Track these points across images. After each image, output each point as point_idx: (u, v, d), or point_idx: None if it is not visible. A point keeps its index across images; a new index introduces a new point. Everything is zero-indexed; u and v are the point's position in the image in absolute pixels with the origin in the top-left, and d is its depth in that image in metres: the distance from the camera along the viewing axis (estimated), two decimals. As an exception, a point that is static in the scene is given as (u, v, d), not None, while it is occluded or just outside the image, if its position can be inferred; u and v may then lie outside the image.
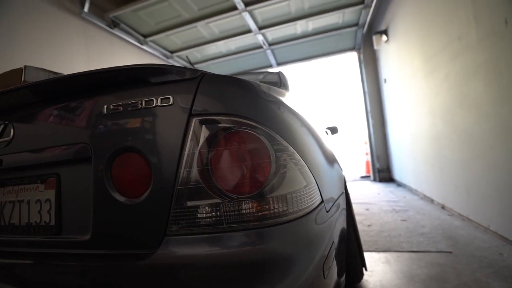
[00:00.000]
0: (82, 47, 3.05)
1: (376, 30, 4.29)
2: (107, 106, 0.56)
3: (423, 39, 2.71)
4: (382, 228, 2.17)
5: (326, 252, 0.61)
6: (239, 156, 0.51)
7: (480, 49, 1.77)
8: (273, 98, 0.64)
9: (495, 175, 1.77)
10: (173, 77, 0.53)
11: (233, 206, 0.50)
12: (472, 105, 1.94)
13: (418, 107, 3.05)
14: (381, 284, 1.33)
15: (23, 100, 0.66)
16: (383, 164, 4.93)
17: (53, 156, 0.63)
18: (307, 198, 0.59)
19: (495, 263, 1.45)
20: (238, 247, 0.50)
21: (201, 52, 4.71)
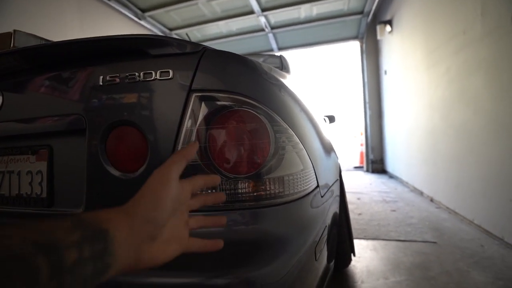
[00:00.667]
0: (75, 18, 2.92)
1: (381, 20, 4.20)
2: (103, 77, 0.54)
3: (427, 31, 2.67)
4: (372, 217, 2.22)
5: (318, 236, 0.61)
6: (238, 135, 0.50)
7: (484, 44, 1.75)
8: (275, 79, 0.63)
9: (485, 171, 1.81)
10: (174, 50, 0.51)
11: (230, 185, 0.50)
12: (471, 100, 1.95)
13: (417, 100, 3.05)
14: (367, 269, 1.37)
15: (13, 66, 0.63)
16: (377, 155, 4.99)
17: (45, 127, 0.61)
18: (303, 181, 0.59)
19: (476, 254, 1.51)
20: (233, 226, 0.50)
21: (201, 31, 4.57)
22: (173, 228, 0.34)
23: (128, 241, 0.27)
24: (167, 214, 0.31)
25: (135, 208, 0.30)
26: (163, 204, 0.31)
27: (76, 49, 0.57)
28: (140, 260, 0.29)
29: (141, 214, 0.30)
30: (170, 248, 0.33)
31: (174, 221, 0.34)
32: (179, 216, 0.35)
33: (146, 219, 0.30)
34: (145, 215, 0.30)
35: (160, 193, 0.31)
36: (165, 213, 0.31)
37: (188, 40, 2.15)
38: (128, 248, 0.27)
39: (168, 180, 0.32)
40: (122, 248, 0.27)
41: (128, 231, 0.28)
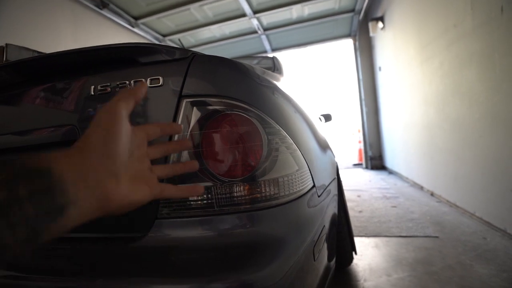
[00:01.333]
0: (69, 28, 2.92)
1: (372, 17, 4.23)
2: (94, 86, 0.54)
3: (419, 27, 2.69)
4: (373, 214, 2.22)
5: (316, 236, 0.61)
6: (230, 139, 0.50)
7: (475, 37, 1.77)
8: (267, 81, 0.63)
9: (483, 163, 1.81)
10: (163, 57, 0.51)
11: (225, 189, 0.50)
12: (465, 93, 1.96)
13: (412, 95, 3.06)
14: (370, 267, 1.37)
15: (5, 79, 0.63)
16: (375, 152, 5.00)
17: (39, 139, 0.61)
18: (298, 182, 0.59)
19: (479, 247, 1.51)
20: (229, 230, 0.50)
21: (194, 36, 4.58)
22: (137, 169, 0.33)
23: (85, 177, 0.26)
24: (124, 147, 0.30)
25: (87, 144, 0.28)
26: (116, 137, 0.29)
27: (66, 60, 0.57)
28: (109, 199, 0.28)
29: (94, 149, 0.28)
30: (139, 188, 0.32)
31: (134, 162, 0.33)
32: (139, 159, 0.34)
33: (101, 153, 0.28)
34: (99, 149, 0.28)
35: (111, 126, 0.30)
36: (121, 146, 0.30)
37: (181, 45, 2.15)
38: (87, 185, 0.26)
39: (116, 114, 0.31)
40: (77, 186, 0.25)
41: (82, 167, 0.26)
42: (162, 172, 0.39)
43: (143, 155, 0.35)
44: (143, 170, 0.34)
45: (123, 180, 0.30)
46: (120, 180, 0.29)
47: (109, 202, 0.28)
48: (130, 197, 0.31)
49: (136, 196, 0.32)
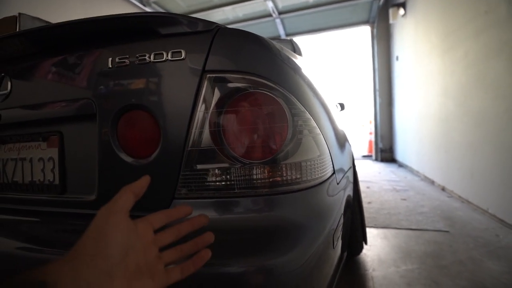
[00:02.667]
0: (79, 4, 2.88)
1: (394, 3, 4.02)
2: (112, 59, 0.51)
3: (444, 13, 2.54)
4: (382, 206, 2.19)
5: (336, 223, 0.60)
6: (254, 119, 0.47)
7: (509, 26, 1.65)
8: (292, 61, 0.59)
9: (502, 159, 1.74)
10: (186, 28, 0.48)
11: (246, 171, 0.48)
12: (490, 86, 1.86)
13: (430, 87, 2.94)
14: (379, 258, 1.36)
15: (20, 50, 0.61)
16: (386, 144, 4.91)
17: (55, 112, 0.59)
18: (320, 167, 0.56)
19: (491, 243, 1.48)
20: (249, 213, 0.48)
21: (206, 17, 4.46)
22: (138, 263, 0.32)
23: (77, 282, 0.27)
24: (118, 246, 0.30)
25: (79, 247, 0.30)
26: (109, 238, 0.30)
27: (83, 29, 0.54)
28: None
29: (87, 252, 0.29)
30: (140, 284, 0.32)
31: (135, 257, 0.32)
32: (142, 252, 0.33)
33: (93, 255, 0.29)
34: (91, 251, 0.29)
35: (105, 227, 0.31)
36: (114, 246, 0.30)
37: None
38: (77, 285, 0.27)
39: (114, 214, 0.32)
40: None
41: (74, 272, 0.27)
42: (172, 257, 0.37)
43: (147, 245, 0.34)
44: (147, 262, 0.33)
45: (118, 280, 0.29)
46: (115, 281, 0.29)
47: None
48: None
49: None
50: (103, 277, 0.28)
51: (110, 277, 0.29)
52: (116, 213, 0.32)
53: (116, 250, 0.30)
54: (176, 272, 0.36)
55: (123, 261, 0.30)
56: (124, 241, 0.31)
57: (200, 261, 0.38)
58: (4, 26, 0.70)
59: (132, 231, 0.32)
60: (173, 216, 0.39)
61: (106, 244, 0.30)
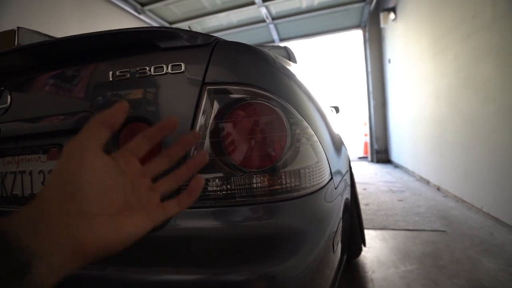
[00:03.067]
0: (75, 14, 2.89)
1: (384, 7, 4.11)
2: (112, 72, 0.52)
3: (433, 17, 2.60)
4: (379, 207, 2.22)
5: (335, 228, 0.61)
6: (253, 128, 0.49)
7: (495, 30, 1.70)
8: (288, 71, 0.61)
9: (495, 159, 1.78)
10: (185, 42, 0.49)
11: (246, 180, 0.49)
12: (479, 87, 1.91)
13: (422, 89, 3.00)
14: (378, 259, 1.38)
15: (20, 64, 0.62)
16: (382, 145, 4.96)
17: (55, 125, 0.60)
18: (318, 174, 0.58)
19: (486, 241, 1.51)
20: (250, 221, 0.49)
21: (201, 24, 4.51)
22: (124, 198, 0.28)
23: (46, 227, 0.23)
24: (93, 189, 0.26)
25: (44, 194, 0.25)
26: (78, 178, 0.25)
27: (83, 44, 0.55)
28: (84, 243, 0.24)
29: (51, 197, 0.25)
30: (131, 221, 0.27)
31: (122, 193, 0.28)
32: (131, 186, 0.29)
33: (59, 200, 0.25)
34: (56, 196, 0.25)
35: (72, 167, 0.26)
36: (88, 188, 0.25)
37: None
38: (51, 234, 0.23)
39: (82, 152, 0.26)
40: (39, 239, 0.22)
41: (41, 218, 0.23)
42: (168, 186, 0.32)
43: (135, 178, 0.30)
44: (138, 196, 0.29)
45: (98, 219, 0.25)
46: (94, 220, 0.25)
47: (86, 247, 0.24)
48: (117, 235, 0.26)
49: (127, 230, 0.27)
50: (78, 219, 0.24)
51: (87, 219, 0.25)
52: (85, 147, 0.26)
53: (90, 190, 0.25)
54: (172, 204, 0.31)
55: (102, 200, 0.26)
56: (99, 178, 0.26)
57: (195, 191, 0.32)
58: (3, 39, 0.71)
59: (108, 166, 0.28)
60: (154, 135, 0.31)
61: (75, 185, 0.25)
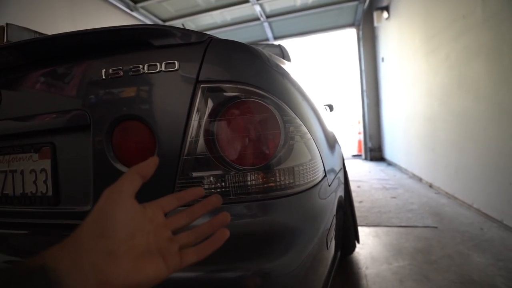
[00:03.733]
0: (66, 11, 2.83)
1: (378, 6, 4.14)
2: (105, 70, 0.52)
3: (426, 17, 2.63)
4: (373, 205, 2.24)
5: (328, 224, 0.61)
6: (247, 126, 0.49)
7: (485, 29, 1.74)
8: (281, 68, 0.61)
9: (485, 156, 1.82)
10: (179, 40, 0.49)
11: (241, 177, 0.49)
12: (471, 86, 1.94)
13: (415, 87, 3.04)
14: (371, 256, 1.40)
15: (10, 61, 0.61)
16: (375, 143, 5.02)
17: (47, 124, 0.59)
18: (312, 171, 0.58)
19: (476, 237, 1.54)
20: (244, 218, 0.50)
21: (195, 22, 4.48)
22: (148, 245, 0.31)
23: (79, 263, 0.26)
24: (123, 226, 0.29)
25: (81, 230, 0.29)
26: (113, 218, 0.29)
27: (76, 41, 0.55)
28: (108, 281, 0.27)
29: (87, 234, 0.28)
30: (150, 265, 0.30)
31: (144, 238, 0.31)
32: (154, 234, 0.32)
33: (96, 236, 0.28)
34: (92, 233, 0.28)
35: (108, 208, 0.29)
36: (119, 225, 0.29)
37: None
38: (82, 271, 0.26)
39: (118, 195, 0.30)
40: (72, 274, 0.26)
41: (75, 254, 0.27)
42: (186, 239, 0.35)
43: (158, 228, 0.33)
44: (158, 244, 0.32)
45: (124, 260, 0.28)
46: (120, 260, 0.28)
47: (110, 285, 0.27)
48: (137, 277, 0.29)
49: (146, 274, 0.29)
50: (107, 258, 0.27)
51: (115, 258, 0.27)
52: (121, 193, 0.30)
53: (121, 231, 0.29)
54: (191, 254, 0.34)
55: (130, 242, 0.29)
56: (130, 222, 0.30)
57: (217, 241, 0.36)
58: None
59: (138, 213, 0.31)
60: (183, 198, 0.37)
61: (110, 225, 0.28)
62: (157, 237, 0.33)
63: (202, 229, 0.37)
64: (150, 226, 0.32)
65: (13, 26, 0.71)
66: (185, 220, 0.36)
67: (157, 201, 0.35)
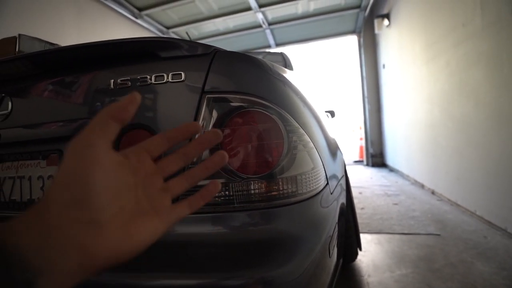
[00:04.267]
0: (72, 18, 2.89)
1: (378, 14, 4.19)
2: (114, 80, 0.54)
3: (425, 25, 2.66)
4: (375, 211, 2.24)
5: (331, 232, 0.62)
6: (251, 136, 0.50)
7: (484, 37, 1.76)
8: (284, 79, 0.63)
9: (486, 163, 1.82)
10: (185, 52, 0.51)
11: (244, 186, 0.50)
12: (471, 93, 1.95)
13: (416, 94, 3.05)
14: (373, 263, 1.39)
15: (22, 71, 0.63)
16: (377, 149, 5.01)
17: (56, 132, 0.61)
18: (315, 179, 0.59)
19: (480, 245, 1.53)
20: (248, 226, 0.50)
21: (198, 29, 4.54)
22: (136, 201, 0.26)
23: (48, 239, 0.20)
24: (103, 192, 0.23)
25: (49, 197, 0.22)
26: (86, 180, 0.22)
27: (86, 53, 0.57)
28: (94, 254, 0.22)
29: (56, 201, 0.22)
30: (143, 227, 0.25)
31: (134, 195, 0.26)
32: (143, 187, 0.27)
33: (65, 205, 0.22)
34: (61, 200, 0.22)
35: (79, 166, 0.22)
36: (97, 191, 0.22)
37: (189, 38, 2.13)
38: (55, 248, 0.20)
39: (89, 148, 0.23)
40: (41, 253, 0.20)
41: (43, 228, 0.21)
42: (181, 186, 0.30)
43: (148, 178, 0.27)
44: (150, 197, 0.27)
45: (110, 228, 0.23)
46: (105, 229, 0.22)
47: (96, 258, 0.22)
48: (130, 243, 0.24)
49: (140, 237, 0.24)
50: (87, 229, 0.21)
51: (97, 228, 0.22)
52: (91, 147, 0.23)
53: (100, 195, 0.22)
54: (184, 206, 0.29)
55: (114, 204, 0.23)
56: (109, 181, 0.23)
57: (209, 194, 0.31)
58: (4, 46, 0.72)
59: (119, 166, 0.25)
60: (174, 137, 0.29)
61: (83, 190, 0.22)
62: (148, 189, 0.27)
63: (195, 172, 0.30)
64: (137, 178, 0.26)
65: (24, 37, 0.73)
66: (178, 164, 0.30)
67: (141, 144, 0.28)
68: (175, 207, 0.29)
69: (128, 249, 0.24)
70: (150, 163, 0.28)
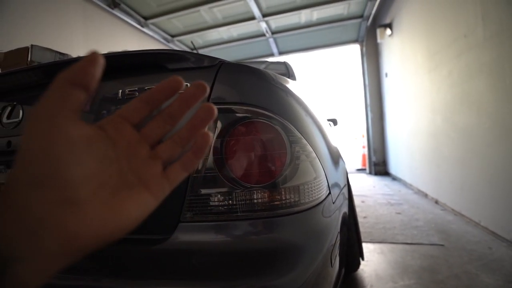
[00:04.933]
0: (80, 27, 2.96)
1: (381, 23, 4.23)
2: (122, 90, 0.55)
3: (427, 35, 2.69)
4: (377, 220, 2.22)
5: (333, 242, 0.62)
6: (255, 146, 0.51)
7: (486, 48, 1.77)
8: (287, 89, 0.64)
9: (490, 173, 1.81)
10: (192, 64, 0.53)
11: (248, 195, 0.51)
12: (474, 103, 1.96)
13: (418, 103, 3.06)
14: (376, 273, 1.38)
15: (34, 81, 0.65)
16: (379, 157, 4.99)
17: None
18: (317, 189, 0.60)
19: (484, 256, 1.51)
20: (250, 235, 0.51)
21: (202, 37, 4.62)
22: (123, 175, 0.24)
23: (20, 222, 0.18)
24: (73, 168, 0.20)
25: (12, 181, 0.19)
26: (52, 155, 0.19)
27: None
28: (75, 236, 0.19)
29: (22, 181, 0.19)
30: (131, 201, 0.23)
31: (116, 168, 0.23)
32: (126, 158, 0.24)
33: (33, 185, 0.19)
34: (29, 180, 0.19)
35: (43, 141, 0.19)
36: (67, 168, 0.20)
37: (193, 47, 2.16)
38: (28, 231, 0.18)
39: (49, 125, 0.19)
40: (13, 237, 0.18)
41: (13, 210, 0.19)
42: (169, 151, 0.26)
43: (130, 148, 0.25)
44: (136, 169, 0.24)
45: (90, 206, 0.20)
46: (84, 208, 0.20)
47: (78, 240, 0.19)
48: (116, 220, 0.22)
49: (128, 213, 0.22)
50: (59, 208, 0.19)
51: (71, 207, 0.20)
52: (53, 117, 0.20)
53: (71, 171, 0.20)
54: (177, 169, 0.26)
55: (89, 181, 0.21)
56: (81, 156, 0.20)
57: (201, 149, 0.26)
58: (17, 55, 0.75)
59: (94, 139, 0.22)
60: (154, 98, 0.25)
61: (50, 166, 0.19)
62: (133, 160, 0.24)
63: (184, 131, 0.27)
64: (117, 150, 0.24)
65: (36, 47, 0.76)
66: (164, 128, 0.26)
67: (118, 112, 0.25)
68: (168, 173, 0.26)
69: (117, 226, 0.22)
70: (131, 132, 0.25)
